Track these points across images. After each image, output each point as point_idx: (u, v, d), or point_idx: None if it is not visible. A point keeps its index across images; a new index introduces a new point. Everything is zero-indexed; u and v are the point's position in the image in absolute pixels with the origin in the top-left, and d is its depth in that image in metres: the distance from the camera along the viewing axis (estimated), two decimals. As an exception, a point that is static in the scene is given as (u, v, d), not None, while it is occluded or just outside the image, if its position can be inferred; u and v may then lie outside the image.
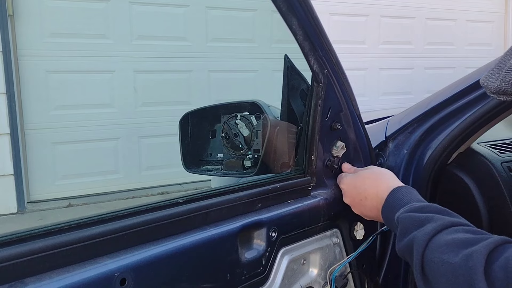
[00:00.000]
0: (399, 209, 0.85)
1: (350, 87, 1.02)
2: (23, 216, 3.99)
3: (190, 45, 4.72)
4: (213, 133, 1.13)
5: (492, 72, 0.70)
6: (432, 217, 0.78)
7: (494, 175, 1.19)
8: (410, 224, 0.79)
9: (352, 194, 1.00)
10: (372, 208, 0.95)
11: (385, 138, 1.21)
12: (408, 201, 0.86)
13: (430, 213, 0.79)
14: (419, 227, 0.77)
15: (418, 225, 0.78)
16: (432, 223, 0.76)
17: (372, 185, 0.96)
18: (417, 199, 0.87)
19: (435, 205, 0.83)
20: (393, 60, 6.01)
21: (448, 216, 0.78)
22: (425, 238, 0.73)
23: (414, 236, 0.76)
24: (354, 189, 0.99)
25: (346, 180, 1.02)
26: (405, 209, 0.83)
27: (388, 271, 1.15)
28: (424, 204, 0.84)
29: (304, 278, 0.97)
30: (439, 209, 0.81)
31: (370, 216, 0.99)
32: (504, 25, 6.73)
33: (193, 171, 1.11)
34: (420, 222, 0.78)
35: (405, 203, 0.85)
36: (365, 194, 0.96)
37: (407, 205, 0.84)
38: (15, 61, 3.98)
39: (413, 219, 0.80)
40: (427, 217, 0.78)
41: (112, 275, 0.66)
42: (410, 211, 0.82)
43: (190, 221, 0.79)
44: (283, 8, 0.84)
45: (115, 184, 4.52)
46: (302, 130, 1.00)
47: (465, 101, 1.11)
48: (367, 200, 0.96)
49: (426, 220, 0.77)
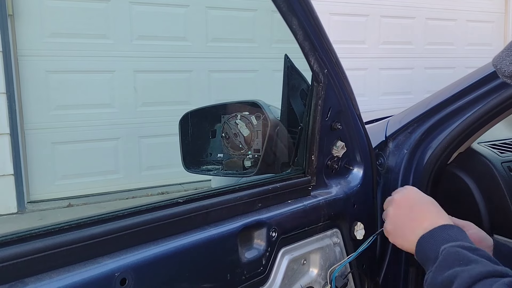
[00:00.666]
0: (447, 243, 0.79)
1: (350, 87, 1.02)
2: (23, 216, 3.99)
3: (190, 45, 4.72)
4: (213, 133, 1.13)
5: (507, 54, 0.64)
6: (481, 261, 0.72)
7: (494, 175, 1.19)
8: (455, 260, 0.74)
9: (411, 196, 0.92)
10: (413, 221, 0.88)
11: (385, 138, 1.21)
12: (460, 238, 0.80)
13: (481, 257, 0.74)
14: (463, 265, 0.72)
15: (464, 263, 0.72)
16: (480, 267, 0.70)
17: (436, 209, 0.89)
18: (469, 241, 0.81)
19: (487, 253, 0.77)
20: (393, 60, 6.01)
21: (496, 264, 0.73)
22: (468, 281, 0.68)
23: (457, 274, 0.71)
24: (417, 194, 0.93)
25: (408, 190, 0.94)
26: (457, 244, 0.77)
27: (388, 271, 1.15)
28: (476, 247, 0.78)
29: (304, 278, 0.97)
30: (490, 257, 0.75)
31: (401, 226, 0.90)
32: (504, 25, 6.73)
33: (193, 171, 1.11)
34: (467, 261, 0.72)
35: (456, 239, 0.79)
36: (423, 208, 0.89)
37: (460, 242, 0.78)
38: (15, 61, 3.98)
39: (460, 255, 0.74)
40: (476, 259, 0.73)
41: (112, 275, 0.66)
42: (461, 247, 0.76)
43: (190, 221, 0.79)
44: (284, 8, 0.84)
45: (115, 184, 4.51)
46: (302, 130, 1.00)
47: (465, 101, 1.11)
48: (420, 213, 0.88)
49: (474, 261, 0.72)
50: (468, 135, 1.14)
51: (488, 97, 1.07)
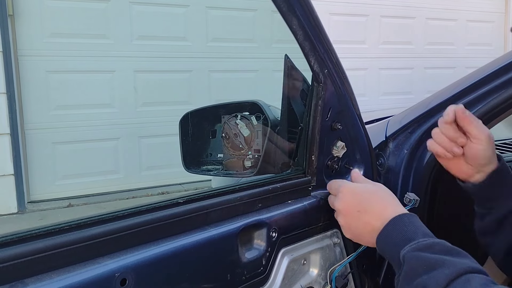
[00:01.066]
0: (404, 245, 0.78)
1: (350, 87, 1.02)
2: (23, 216, 3.99)
3: (190, 45, 4.72)
4: (213, 133, 1.13)
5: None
6: (443, 261, 0.72)
7: (494, 175, 1.19)
8: (419, 266, 0.73)
9: (351, 202, 0.91)
10: (367, 225, 0.88)
11: (385, 138, 1.21)
12: (413, 235, 0.79)
13: (440, 254, 0.74)
14: (429, 271, 0.72)
15: (428, 268, 0.72)
16: (444, 269, 0.70)
17: (379, 202, 0.89)
18: (422, 232, 0.80)
19: (444, 242, 0.77)
20: (393, 60, 6.01)
21: (458, 257, 0.73)
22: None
23: (424, 284, 0.71)
24: (355, 197, 0.91)
25: (349, 185, 0.94)
26: (412, 247, 0.77)
27: (388, 271, 1.15)
28: (431, 242, 0.77)
29: (305, 278, 0.97)
30: (449, 248, 0.76)
31: (359, 234, 0.90)
32: (504, 25, 6.73)
33: (193, 171, 1.11)
34: (431, 266, 0.72)
35: (410, 238, 0.79)
36: (367, 208, 0.88)
37: (413, 242, 0.78)
38: (15, 61, 3.98)
39: (422, 260, 0.74)
40: (438, 261, 0.72)
41: (112, 275, 0.66)
42: (418, 249, 0.76)
43: (190, 221, 0.79)
44: (284, 8, 0.84)
45: (115, 184, 4.52)
46: (302, 130, 1.00)
47: (465, 101, 1.11)
48: (366, 214, 0.88)
49: (437, 264, 0.72)
50: (468, 135, 1.14)
51: (488, 98, 1.07)
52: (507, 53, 1.12)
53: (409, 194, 0.97)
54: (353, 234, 0.92)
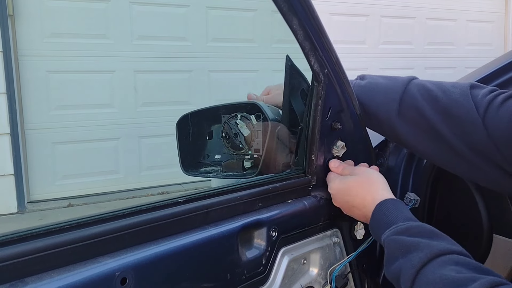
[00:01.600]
0: (384, 230, 0.81)
1: (350, 87, 1.03)
2: (23, 216, 3.99)
3: (190, 45, 4.72)
4: (210, 134, 1.13)
5: None
6: (418, 244, 0.74)
7: (494, 175, 1.19)
8: (396, 249, 0.76)
9: (341, 201, 0.97)
10: (361, 216, 0.93)
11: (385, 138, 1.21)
12: (394, 219, 0.81)
13: (416, 237, 0.75)
14: (404, 255, 0.73)
15: (404, 252, 0.74)
16: (419, 252, 0.72)
17: (358, 196, 0.92)
18: (403, 216, 0.82)
19: (422, 225, 0.79)
20: (393, 60, 6.01)
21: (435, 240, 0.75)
22: (412, 271, 0.70)
23: (401, 267, 0.73)
24: (341, 196, 0.96)
25: (333, 185, 0.98)
26: (391, 231, 0.79)
27: (388, 271, 1.15)
28: (409, 225, 0.79)
29: (305, 277, 0.97)
30: (426, 231, 0.77)
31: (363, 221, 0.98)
32: (504, 25, 6.74)
33: (192, 173, 1.11)
34: (406, 249, 0.74)
35: (391, 222, 0.81)
36: (353, 204, 0.93)
37: (393, 226, 0.80)
38: (15, 61, 3.98)
39: (399, 243, 0.76)
40: (413, 243, 0.74)
41: (112, 274, 0.66)
42: (396, 233, 0.78)
43: (190, 220, 0.79)
44: (284, 8, 0.84)
45: (115, 184, 4.52)
46: (302, 130, 1.00)
47: (465, 101, 1.11)
48: (356, 209, 0.93)
49: (412, 246, 0.74)
50: (468, 135, 1.14)
51: (488, 97, 1.07)
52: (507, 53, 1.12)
53: (410, 194, 0.97)
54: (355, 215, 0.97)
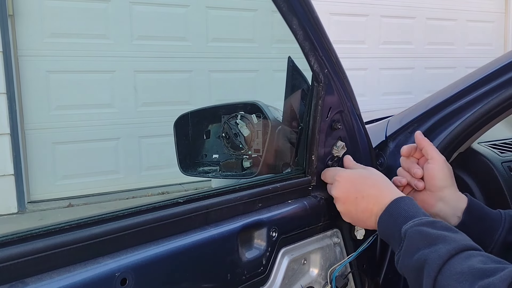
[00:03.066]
0: (406, 222, 0.80)
1: (350, 87, 1.03)
2: (23, 216, 3.99)
3: (190, 45, 4.72)
4: (208, 133, 1.13)
5: None
6: (444, 237, 0.74)
7: (494, 175, 1.19)
8: (420, 240, 0.75)
9: (348, 189, 0.93)
10: (365, 211, 0.90)
11: (385, 138, 1.21)
12: (415, 214, 0.81)
13: (442, 231, 0.75)
14: (430, 246, 0.73)
15: (430, 243, 0.74)
16: (446, 245, 0.72)
17: (375, 187, 0.90)
18: (423, 212, 0.82)
19: (443, 222, 0.79)
20: (393, 60, 6.01)
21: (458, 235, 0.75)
22: (439, 261, 0.70)
23: (426, 257, 0.72)
24: (352, 185, 0.93)
25: (344, 173, 0.96)
26: (415, 223, 0.78)
27: (388, 271, 1.15)
28: (433, 220, 0.79)
29: (305, 278, 0.97)
30: (448, 227, 0.77)
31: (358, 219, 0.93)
32: (504, 25, 6.73)
33: (190, 173, 1.11)
34: (432, 240, 0.74)
35: (412, 216, 0.81)
36: (364, 194, 0.90)
37: (416, 219, 0.79)
38: (15, 61, 3.98)
39: (424, 235, 0.75)
40: (439, 236, 0.74)
41: (112, 275, 0.66)
42: (421, 224, 0.78)
43: (190, 221, 0.79)
44: (284, 8, 0.84)
45: (115, 184, 4.52)
46: (302, 130, 1.00)
47: (465, 101, 1.11)
48: (363, 200, 0.90)
49: (438, 239, 0.73)
50: (468, 135, 1.14)
51: (488, 97, 1.07)
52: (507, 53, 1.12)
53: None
54: (352, 219, 0.95)
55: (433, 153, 0.98)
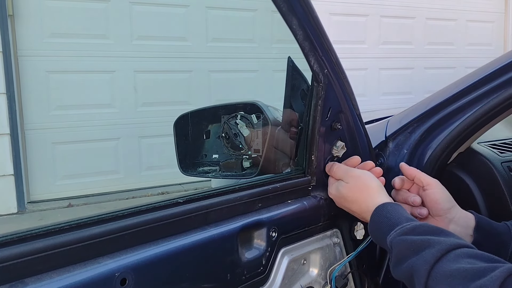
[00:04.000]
0: (389, 232, 0.81)
1: (350, 87, 1.03)
2: (23, 216, 3.99)
3: (190, 45, 4.72)
4: (207, 134, 1.13)
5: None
6: (428, 241, 0.74)
7: (494, 175, 1.19)
8: (406, 249, 0.76)
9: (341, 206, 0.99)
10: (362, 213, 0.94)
11: (385, 138, 1.21)
12: (396, 221, 0.82)
13: (425, 235, 0.76)
14: (416, 253, 0.74)
15: (415, 250, 0.74)
16: (431, 249, 0.72)
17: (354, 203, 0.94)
18: (405, 217, 0.83)
19: (427, 224, 0.80)
20: (393, 60, 6.01)
21: (443, 236, 0.75)
22: (426, 267, 0.70)
23: (413, 264, 0.73)
24: (340, 202, 0.99)
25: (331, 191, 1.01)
26: (397, 232, 0.80)
27: (388, 271, 1.15)
28: (415, 224, 0.80)
29: (305, 278, 0.97)
30: (432, 229, 0.78)
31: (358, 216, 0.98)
32: (504, 25, 6.73)
33: (190, 173, 1.11)
34: (417, 247, 0.74)
35: (395, 224, 0.82)
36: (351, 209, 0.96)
37: (398, 227, 0.81)
38: (15, 61, 3.97)
39: (408, 243, 0.76)
40: (423, 241, 0.75)
41: (112, 275, 0.66)
42: (403, 233, 0.79)
43: (190, 221, 0.79)
44: (284, 8, 0.84)
45: (115, 184, 4.51)
46: (302, 130, 1.00)
47: (465, 101, 1.11)
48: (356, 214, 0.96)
49: (423, 244, 0.74)
50: (468, 135, 1.14)
51: (488, 97, 1.07)
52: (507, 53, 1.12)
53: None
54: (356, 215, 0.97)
55: (427, 179, 0.98)
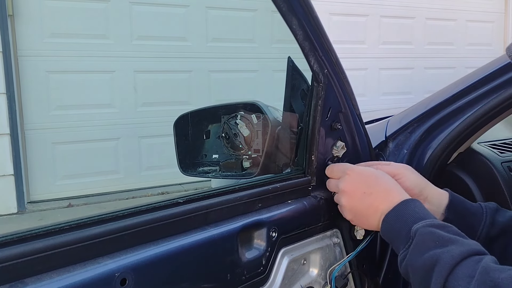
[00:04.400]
0: (416, 222, 0.80)
1: (350, 87, 1.03)
2: (23, 216, 3.99)
3: (190, 45, 4.72)
4: (207, 134, 1.13)
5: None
6: (457, 240, 0.74)
7: (494, 175, 1.19)
8: (432, 241, 0.75)
9: (358, 183, 0.92)
10: (371, 207, 0.89)
11: (385, 138, 1.21)
12: (425, 216, 0.81)
13: (453, 235, 0.76)
14: (442, 247, 0.73)
15: (442, 244, 0.73)
16: (458, 246, 0.72)
17: (385, 185, 0.90)
18: (433, 216, 0.83)
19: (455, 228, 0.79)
20: (393, 60, 6.01)
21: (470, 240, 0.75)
22: (452, 262, 0.70)
23: (438, 256, 0.72)
24: (362, 180, 0.92)
25: (356, 168, 0.95)
26: (427, 223, 0.78)
27: (388, 271, 1.15)
28: (445, 223, 0.79)
29: (305, 278, 0.97)
30: (460, 232, 0.77)
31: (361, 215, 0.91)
32: (504, 25, 6.73)
33: (190, 173, 1.11)
34: (444, 242, 0.74)
35: (423, 217, 0.81)
36: (373, 190, 0.89)
37: (427, 220, 0.80)
38: (15, 61, 3.98)
39: (436, 236, 0.75)
40: (451, 239, 0.74)
41: (112, 275, 0.66)
42: (433, 226, 0.78)
43: (190, 221, 0.79)
44: (284, 8, 0.84)
45: (115, 184, 4.52)
46: (302, 130, 1.00)
47: (465, 101, 1.12)
48: (371, 197, 0.89)
49: (451, 241, 0.74)
50: (468, 135, 1.14)
51: (488, 97, 1.08)
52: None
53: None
54: (355, 215, 0.93)
55: (390, 169, 0.97)
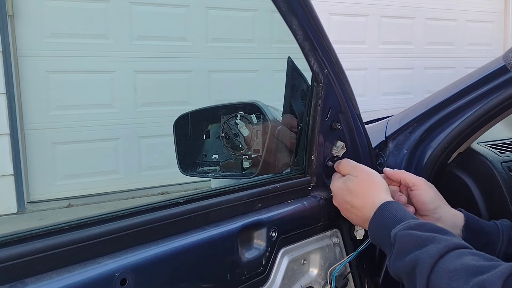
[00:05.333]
0: (394, 226, 0.81)
1: (350, 87, 1.03)
2: (23, 216, 3.99)
3: (190, 45, 4.72)
4: (207, 134, 1.13)
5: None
6: (434, 237, 0.74)
7: (494, 175, 1.19)
8: (411, 242, 0.76)
9: (340, 200, 0.97)
10: (358, 218, 0.93)
11: (385, 138, 1.21)
12: (403, 217, 0.82)
13: (431, 232, 0.76)
14: (421, 247, 0.74)
15: (420, 244, 0.74)
16: (436, 244, 0.73)
17: (359, 196, 0.92)
18: (411, 215, 0.84)
19: (432, 223, 0.81)
20: (393, 60, 6.01)
21: (449, 236, 0.76)
22: (431, 260, 0.70)
23: (417, 257, 0.73)
24: (341, 195, 0.96)
25: (335, 183, 0.99)
26: (404, 226, 0.80)
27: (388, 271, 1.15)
28: (421, 222, 0.80)
29: (304, 278, 0.97)
30: (437, 228, 0.78)
31: (358, 224, 0.98)
32: (504, 25, 6.73)
33: (190, 173, 1.11)
34: (422, 242, 0.74)
35: (400, 220, 0.82)
36: (352, 204, 0.94)
37: (404, 222, 0.81)
38: (15, 61, 3.98)
39: (414, 237, 0.76)
40: (429, 237, 0.75)
41: (112, 275, 0.66)
42: (410, 228, 0.79)
43: (190, 221, 0.79)
44: (283, 8, 0.84)
45: (115, 184, 4.52)
46: (302, 130, 1.00)
47: (465, 101, 1.11)
48: (354, 209, 0.93)
49: (428, 240, 0.74)
50: (468, 135, 1.14)
51: (488, 97, 1.07)
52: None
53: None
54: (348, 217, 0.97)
55: (413, 180, 0.98)
